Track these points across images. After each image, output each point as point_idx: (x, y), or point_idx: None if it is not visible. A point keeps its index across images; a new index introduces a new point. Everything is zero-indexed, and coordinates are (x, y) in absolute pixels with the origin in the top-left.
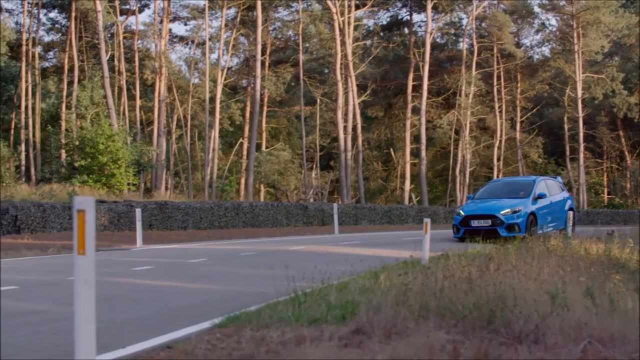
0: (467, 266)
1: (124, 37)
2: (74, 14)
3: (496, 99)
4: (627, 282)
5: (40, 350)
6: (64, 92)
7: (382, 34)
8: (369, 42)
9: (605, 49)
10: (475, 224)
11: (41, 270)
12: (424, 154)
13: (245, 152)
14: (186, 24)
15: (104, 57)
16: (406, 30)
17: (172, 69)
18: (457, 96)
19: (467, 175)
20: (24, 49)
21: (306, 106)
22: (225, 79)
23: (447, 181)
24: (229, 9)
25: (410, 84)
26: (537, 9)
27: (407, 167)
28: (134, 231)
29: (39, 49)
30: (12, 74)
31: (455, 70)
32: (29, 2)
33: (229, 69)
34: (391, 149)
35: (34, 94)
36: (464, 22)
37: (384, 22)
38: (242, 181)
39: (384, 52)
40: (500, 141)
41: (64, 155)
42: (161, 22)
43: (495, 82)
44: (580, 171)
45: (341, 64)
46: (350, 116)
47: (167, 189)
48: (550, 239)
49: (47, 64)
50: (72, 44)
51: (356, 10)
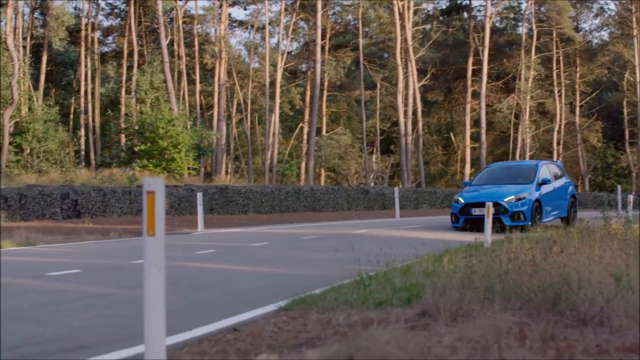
0: (531, 249)
1: (183, 22)
2: None
3: (555, 83)
4: None
5: (106, 332)
6: (123, 77)
7: (441, 18)
8: (428, 27)
9: None
10: (476, 212)
11: (103, 254)
12: (484, 138)
13: (305, 137)
14: (245, 9)
15: (164, 42)
16: (465, 14)
17: (232, 53)
18: (517, 80)
19: (527, 159)
20: (83, 34)
21: (366, 90)
22: (285, 63)
23: None
24: None
25: (469, 68)
26: None
27: (467, 151)
28: (194, 215)
29: (98, 34)
30: (71, 59)
31: (514, 54)
32: None
33: (288, 53)
34: (451, 133)
35: (93, 78)
36: (523, 6)
37: (443, 7)
38: (303, 165)
39: (443, 36)
40: (559, 125)
41: (123, 139)
42: (220, 6)
43: (554, 67)
44: (639, 155)
45: (401, 48)
46: (410, 100)
47: (227, 173)
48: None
49: (106, 49)
50: (131, 29)
51: None
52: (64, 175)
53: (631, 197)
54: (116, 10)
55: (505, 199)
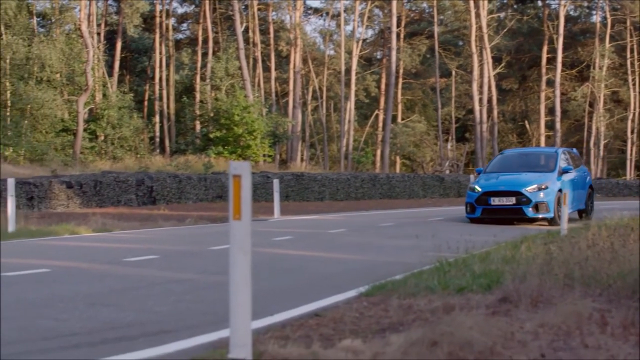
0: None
1: (258, 9)
2: None
3: (629, 72)
4: None
5: (186, 317)
6: (198, 64)
7: (515, 6)
8: (502, 15)
9: None
10: (495, 202)
11: (180, 240)
12: (558, 126)
13: (381, 124)
14: None
15: (239, 29)
16: (540, 2)
17: (307, 40)
18: (591, 69)
19: (602, 147)
20: (158, 21)
21: (441, 78)
22: (360, 51)
23: (581, 154)
24: None
25: (544, 56)
26: None
27: (542, 139)
28: (270, 202)
29: (172, 21)
30: (145, 46)
31: (588, 43)
32: None
33: (364, 40)
34: (526, 121)
35: (167, 65)
36: None
37: None
38: (378, 153)
39: (517, 24)
40: (634, 114)
41: (198, 126)
42: None
43: (628, 55)
44: None
45: (476, 36)
46: (485, 88)
47: (302, 160)
48: None
49: (180, 36)
50: (206, 16)
51: None
52: (139, 161)
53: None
54: None
55: (527, 188)
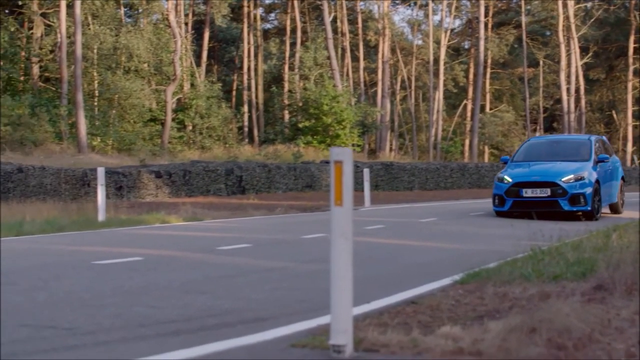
0: None
1: None
2: None
3: None
4: None
5: (283, 305)
6: (286, 54)
7: None
8: (589, 4)
9: None
10: (528, 193)
11: (271, 229)
12: None
13: (469, 114)
14: None
15: (327, 19)
16: None
17: (395, 30)
18: None
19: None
20: (246, 10)
21: (529, 68)
22: (448, 41)
23: None
24: None
25: (631, 46)
26: None
27: (629, 129)
28: (359, 192)
29: (260, 11)
30: (233, 36)
31: None
32: None
33: (451, 30)
34: (613, 111)
35: (255, 55)
36: None
37: None
38: (467, 142)
39: (604, 14)
40: None
41: (287, 116)
42: None
43: None
44: None
45: (563, 26)
46: (572, 78)
47: (391, 150)
48: None
49: (268, 26)
50: (294, 6)
51: None
52: (227, 151)
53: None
54: None
55: (563, 179)
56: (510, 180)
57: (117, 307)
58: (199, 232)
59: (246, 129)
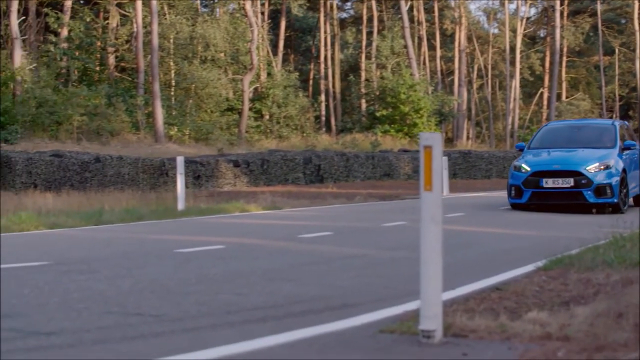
0: None
1: None
2: None
3: None
4: None
5: (369, 291)
6: (363, 43)
7: None
8: None
9: None
10: (548, 184)
11: (351, 217)
12: None
13: (545, 102)
14: None
15: (404, 8)
16: None
17: (471, 19)
18: None
19: None
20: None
21: (605, 56)
22: (524, 29)
23: None
24: None
25: None
26: None
27: None
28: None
29: (336, 0)
30: (309, 25)
31: None
32: None
33: (527, 19)
34: None
35: (332, 44)
36: None
37: None
38: None
39: None
40: None
41: (364, 105)
42: None
43: None
44: None
45: (638, 13)
46: None
47: (468, 138)
48: None
49: (344, 15)
50: None
51: None
52: (305, 140)
53: None
54: None
55: (587, 167)
56: (528, 169)
57: (202, 295)
58: (280, 220)
59: (323, 118)
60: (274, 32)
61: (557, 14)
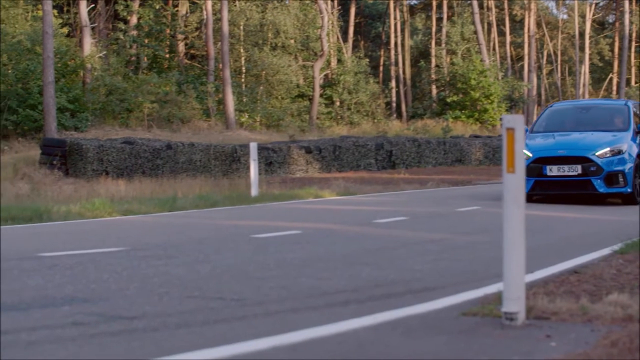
0: None
1: None
2: None
3: None
4: None
5: (447, 275)
6: (433, 29)
7: None
8: None
9: None
10: (553, 171)
11: (425, 202)
12: None
13: (615, 88)
14: None
15: None
16: None
17: (540, 4)
18: None
19: None
20: None
21: None
22: (593, 15)
23: None
24: None
25: None
26: None
27: None
28: None
29: None
30: (379, 12)
31: None
32: None
33: (596, 4)
34: None
35: (402, 31)
36: None
37: None
38: None
39: None
40: None
41: (434, 91)
42: None
43: None
44: None
45: None
46: None
47: None
48: None
49: (414, 1)
50: None
51: None
52: (376, 126)
53: None
54: None
55: (597, 152)
56: (530, 155)
57: (282, 279)
58: (354, 205)
59: (394, 104)
60: (344, 18)
61: (626, 0)
